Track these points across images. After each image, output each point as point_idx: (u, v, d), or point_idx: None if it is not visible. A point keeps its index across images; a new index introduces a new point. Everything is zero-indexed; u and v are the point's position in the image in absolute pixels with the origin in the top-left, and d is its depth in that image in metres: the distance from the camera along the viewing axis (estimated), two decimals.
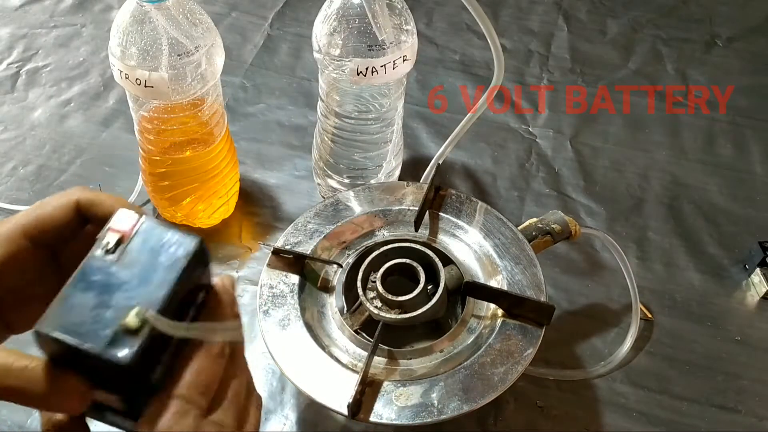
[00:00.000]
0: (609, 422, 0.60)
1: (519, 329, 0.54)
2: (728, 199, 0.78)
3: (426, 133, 0.84)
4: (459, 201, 0.64)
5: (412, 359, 0.54)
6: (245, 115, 0.85)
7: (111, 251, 0.33)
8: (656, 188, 0.79)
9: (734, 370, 0.64)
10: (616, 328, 0.66)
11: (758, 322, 0.68)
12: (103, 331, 0.30)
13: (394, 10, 0.61)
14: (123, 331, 0.30)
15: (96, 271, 0.32)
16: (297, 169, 0.79)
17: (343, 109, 0.67)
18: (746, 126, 0.86)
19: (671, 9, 1.02)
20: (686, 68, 0.93)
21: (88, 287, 0.32)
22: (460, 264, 0.59)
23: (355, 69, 0.60)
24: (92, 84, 0.88)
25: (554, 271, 0.70)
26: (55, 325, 0.30)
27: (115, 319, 0.31)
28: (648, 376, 0.63)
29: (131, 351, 0.30)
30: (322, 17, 0.62)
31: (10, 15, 0.97)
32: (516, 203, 0.77)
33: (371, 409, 0.50)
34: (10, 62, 0.91)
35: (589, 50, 0.95)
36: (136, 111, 0.65)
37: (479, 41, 0.95)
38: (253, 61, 0.92)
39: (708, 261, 0.72)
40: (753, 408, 0.61)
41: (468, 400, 0.50)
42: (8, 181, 0.77)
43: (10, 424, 0.59)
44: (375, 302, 0.56)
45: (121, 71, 0.59)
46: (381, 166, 0.72)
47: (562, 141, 0.84)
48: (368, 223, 0.63)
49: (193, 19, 0.59)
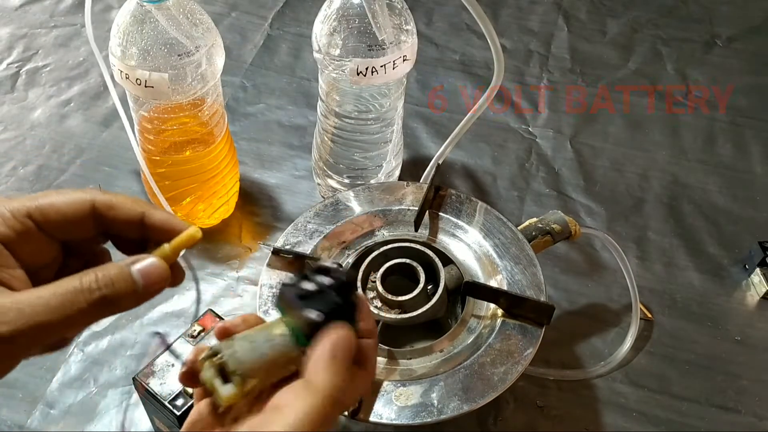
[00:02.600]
0: (609, 422, 0.60)
1: (519, 329, 0.54)
2: (728, 199, 0.78)
3: (426, 133, 0.84)
4: (459, 201, 0.64)
5: (412, 359, 0.54)
6: (245, 115, 0.85)
7: None
8: (656, 188, 0.79)
9: (734, 370, 0.64)
10: (616, 328, 0.66)
11: (758, 322, 0.68)
12: None
13: (394, 10, 0.61)
14: None
15: None
16: (297, 169, 0.79)
17: (343, 109, 0.67)
18: (746, 126, 0.86)
19: (671, 9, 1.02)
20: (686, 68, 0.93)
21: None
22: (460, 264, 0.59)
23: (355, 69, 0.60)
24: (92, 84, 0.88)
25: (554, 271, 0.70)
26: None
27: None
28: (648, 376, 0.63)
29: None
30: (322, 17, 0.62)
31: (10, 15, 0.97)
32: (516, 203, 0.77)
33: (371, 409, 0.50)
34: (10, 62, 0.91)
35: (589, 50, 0.95)
36: (136, 111, 0.65)
37: (479, 41, 0.95)
38: (253, 61, 0.92)
39: (708, 261, 0.72)
40: (753, 408, 0.61)
41: (468, 400, 0.50)
42: (8, 181, 0.77)
43: (10, 424, 0.59)
44: (375, 302, 0.56)
45: (121, 71, 0.59)
46: (381, 166, 0.72)
47: (562, 141, 0.84)
48: (368, 223, 0.63)
49: (194, 19, 0.59)
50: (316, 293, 0.38)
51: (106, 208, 0.36)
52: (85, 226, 0.36)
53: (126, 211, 0.36)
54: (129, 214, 0.36)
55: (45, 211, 0.35)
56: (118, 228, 0.37)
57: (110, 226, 0.37)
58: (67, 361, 0.63)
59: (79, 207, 0.36)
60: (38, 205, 0.35)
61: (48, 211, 0.35)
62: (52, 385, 0.61)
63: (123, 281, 0.33)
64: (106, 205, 0.36)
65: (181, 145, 0.66)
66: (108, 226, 0.37)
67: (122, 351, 0.63)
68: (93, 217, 0.36)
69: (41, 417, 0.59)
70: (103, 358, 0.63)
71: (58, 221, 0.36)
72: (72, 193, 0.36)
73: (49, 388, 0.61)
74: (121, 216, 0.36)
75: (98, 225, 0.37)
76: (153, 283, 0.34)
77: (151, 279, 0.34)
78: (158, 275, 0.34)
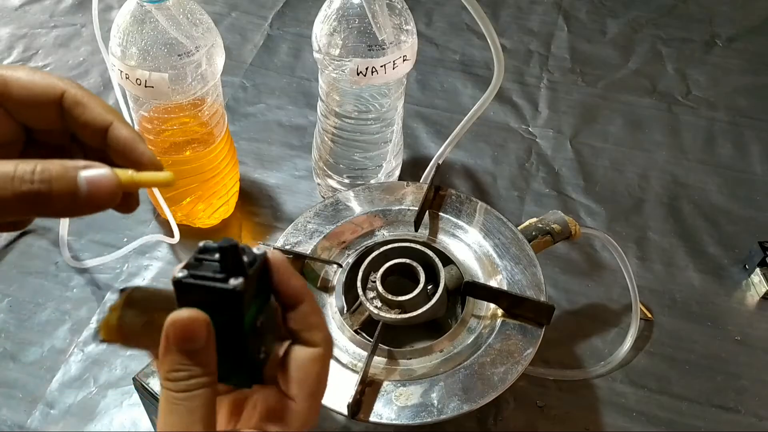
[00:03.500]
0: (609, 422, 0.60)
1: (519, 329, 0.54)
2: (728, 199, 0.78)
3: (426, 133, 0.84)
4: (459, 201, 0.64)
5: (412, 359, 0.54)
6: (245, 115, 0.85)
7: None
8: (656, 188, 0.79)
9: (734, 370, 0.64)
10: (616, 328, 0.66)
11: (758, 322, 0.68)
12: None
13: (394, 10, 0.61)
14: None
15: None
16: (297, 169, 0.79)
17: (343, 109, 0.67)
18: (746, 126, 0.86)
19: (671, 9, 1.02)
20: (686, 68, 0.93)
21: None
22: (460, 264, 0.59)
23: (355, 69, 0.60)
24: (92, 84, 0.88)
25: (554, 271, 0.70)
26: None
27: None
28: (648, 376, 0.63)
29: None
30: (322, 17, 0.62)
31: (10, 15, 0.97)
32: (516, 203, 0.77)
33: (371, 409, 0.50)
34: (10, 62, 0.91)
35: (589, 50, 0.95)
36: (136, 111, 0.65)
37: (479, 41, 0.95)
38: (253, 61, 0.92)
39: (708, 261, 0.72)
40: (753, 408, 0.61)
41: (468, 399, 0.50)
42: None
43: (10, 424, 0.59)
44: (375, 302, 0.56)
45: (121, 71, 0.59)
46: (381, 166, 0.72)
47: (562, 141, 0.84)
48: (368, 223, 0.63)
49: (194, 19, 0.59)
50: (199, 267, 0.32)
51: (74, 103, 0.33)
52: (48, 114, 0.33)
53: (93, 115, 0.33)
54: (95, 119, 0.33)
55: (9, 83, 0.33)
56: (81, 130, 0.34)
57: (74, 124, 0.34)
58: (67, 361, 0.63)
59: (47, 91, 0.33)
60: (3, 74, 0.33)
61: (12, 85, 0.33)
62: (52, 385, 0.61)
63: (63, 181, 0.29)
64: (75, 100, 0.33)
65: (181, 145, 0.66)
66: (72, 125, 0.34)
67: (122, 351, 0.63)
68: (59, 107, 0.33)
69: (41, 417, 0.59)
70: (103, 358, 0.63)
71: (20, 98, 0.33)
72: (45, 76, 0.33)
73: (49, 388, 0.61)
74: (86, 117, 0.33)
75: (63, 119, 0.34)
76: (99, 195, 0.30)
77: (98, 190, 0.29)
78: (107, 189, 0.30)
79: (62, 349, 0.64)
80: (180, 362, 0.31)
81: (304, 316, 0.35)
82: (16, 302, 0.67)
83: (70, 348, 0.64)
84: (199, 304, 0.32)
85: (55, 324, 0.65)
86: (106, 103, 0.34)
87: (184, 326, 0.31)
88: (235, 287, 0.31)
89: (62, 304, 0.67)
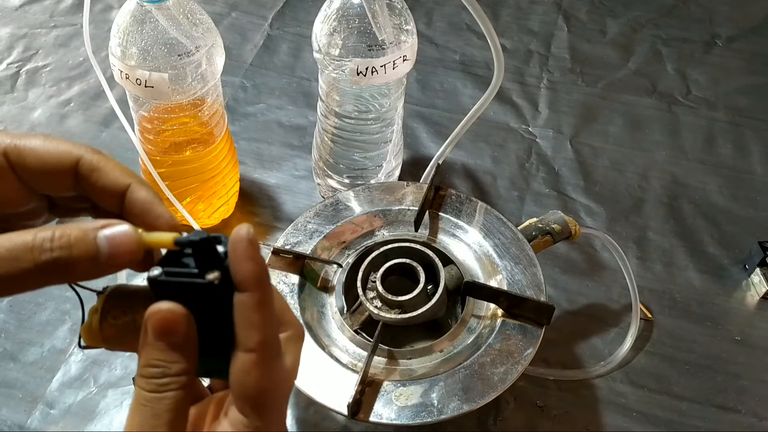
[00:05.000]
0: (609, 422, 0.60)
1: (519, 329, 0.54)
2: (728, 199, 0.78)
3: (426, 133, 0.84)
4: (459, 201, 0.64)
5: (412, 359, 0.54)
6: (245, 115, 0.85)
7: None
8: (656, 188, 0.79)
9: (734, 370, 0.64)
10: (616, 328, 0.66)
11: (758, 322, 0.68)
12: None
13: (394, 10, 0.61)
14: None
15: None
16: (297, 169, 0.79)
17: (343, 109, 0.67)
18: (746, 126, 0.86)
19: (671, 9, 1.02)
20: (686, 68, 0.93)
21: None
22: (460, 264, 0.59)
23: (355, 69, 0.60)
24: (92, 84, 0.88)
25: (554, 271, 0.70)
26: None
27: None
28: (648, 376, 0.63)
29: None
30: (322, 17, 0.62)
31: (10, 15, 0.97)
32: (516, 203, 0.77)
33: (371, 409, 0.50)
34: (10, 62, 0.91)
35: (589, 50, 0.95)
36: (136, 111, 0.65)
37: (479, 41, 0.95)
38: (253, 61, 0.92)
39: (708, 261, 0.72)
40: (753, 408, 0.61)
41: (468, 399, 0.50)
42: None
43: (10, 424, 0.59)
44: (375, 302, 0.56)
45: (121, 71, 0.59)
46: (381, 166, 0.72)
47: (562, 141, 0.84)
48: (368, 223, 0.63)
49: (194, 19, 0.59)
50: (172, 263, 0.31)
51: (90, 169, 0.32)
52: (63, 182, 0.32)
53: (110, 179, 0.32)
54: (112, 183, 0.32)
55: (23, 153, 0.32)
56: (99, 195, 0.32)
57: (91, 190, 0.32)
58: (67, 361, 0.63)
59: (62, 159, 0.32)
60: (17, 144, 0.31)
61: (27, 155, 0.32)
62: (52, 385, 0.61)
63: (83, 245, 0.28)
64: (92, 166, 0.32)
65: (181, 145, 0.66)
66: (89, 190, 0.32)
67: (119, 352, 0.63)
68: (75, 174, 0.32)
69: (41, 417, 0.59)
70: (103, 358, 0.63)
71: (34, 168, 0.32)
72: (60, 143, 0.32)
73: (49, 388, 0.61)
74: (103, 182, 0.32)
75: (79, 185, 0.32)
76: (119, 254, 0.29)
77: (119, 249, 0.29)
78: (128, 248, 0.29)
79: (62, 349, 0.64)
80: (156, 357, 0.30)
81: (242, 308, 0.30)
82: (16, 302, 0.67)
83: (70, 348, 0.64)
84: (178, 299, 0.31)
85: (55, 324, 0.65)
86: (122, 166, 0.33)
87: (163, 318, 0.30)
88: (212, 281, 0.30)
89: (62, 304, 0.67)
